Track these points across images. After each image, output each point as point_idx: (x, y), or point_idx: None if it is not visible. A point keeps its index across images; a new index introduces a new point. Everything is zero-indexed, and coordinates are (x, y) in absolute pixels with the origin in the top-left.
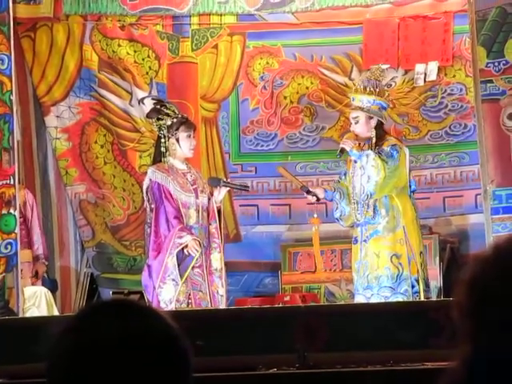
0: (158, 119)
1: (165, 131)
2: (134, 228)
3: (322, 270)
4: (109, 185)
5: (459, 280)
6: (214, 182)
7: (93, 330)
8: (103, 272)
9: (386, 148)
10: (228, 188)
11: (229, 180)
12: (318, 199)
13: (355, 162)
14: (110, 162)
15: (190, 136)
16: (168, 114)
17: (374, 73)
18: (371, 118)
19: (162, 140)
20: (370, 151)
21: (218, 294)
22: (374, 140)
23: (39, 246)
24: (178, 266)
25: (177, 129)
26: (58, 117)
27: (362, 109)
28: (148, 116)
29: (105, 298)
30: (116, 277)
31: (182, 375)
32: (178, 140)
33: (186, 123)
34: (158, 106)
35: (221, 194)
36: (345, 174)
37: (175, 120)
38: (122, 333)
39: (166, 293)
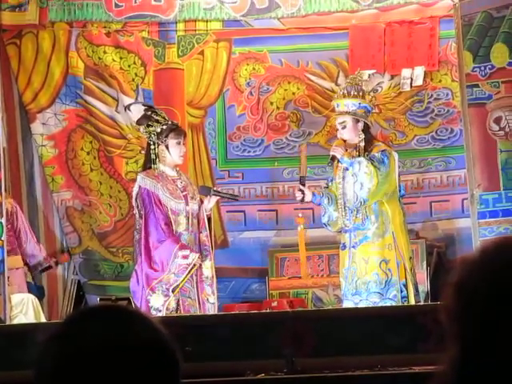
0: (148, 126)
1: (154, 138)
2: (121, 235)
3: (307, 274)
4: (95, 191)
5: (447, 283)
6: (204, 191)
7: (80, 336)
8: (90, 279)
9: (377, 154)
10: (218, 197)
11: (219, 189)
12: (303, 200)
13: (346, 169)
14: (97, 168)
15: (179, 143)
16: (158, 121)
17: (353, 79)
18: (358, 121)
19: (152, 147)
20: (361, 158)
21: (208, 302)
22: (362, 144)
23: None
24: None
25: (166, 136)
26: (43, 124)
27: (348, 113)
28: (138, 123)
29: (92, 304)
30: (103, 283)
31: (170, 381)
32: (167, 147)
33: (175, 130)
34: (149, 113)
35: (211, 202)
36: (331, 180)
37: (165, 127)
38: (109, 338)
39: (156, 301)
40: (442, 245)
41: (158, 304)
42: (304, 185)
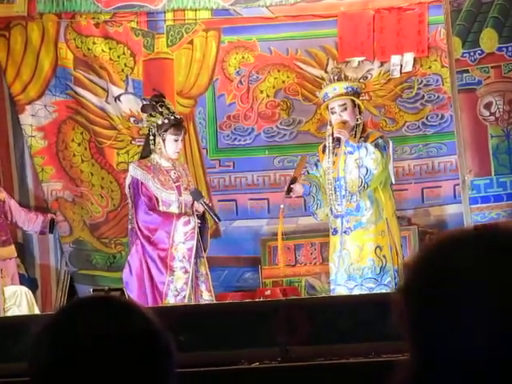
0: (151, 115)
1: (154, 129)
2: (113, 225)
3: (283, 265)
4: (87, 183)
5: (396, 290)
6: (195, 195)
7: (73, 327)
8: (81, 269)
9: (380, 141)
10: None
11: (208, 203)
12: (289, 191)
13: (350, 153)
14: (88, 159)
15: (177, 140)
16: (161, 113)
17: (333, 69)
18: (354, 105)
19: (151, 137)
20: (367, 143)
21: (201, 298)
22: (361, 126)
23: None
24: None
25: (165, 130)
26: (33, 115)
27: (347, 94)
28: (142, 110)
29: (82, 294)
30: (94, 273)
31: (164, 370)
32: (164, 141)
33: (176, 126)
34: (154, 102)
35: (200, 207)
36: (315, 165)
37: (166, 121)
38: (103, 329)
39: (178, 281)
40: (434, 231)
41: (179, 284)
42: (293, 183)
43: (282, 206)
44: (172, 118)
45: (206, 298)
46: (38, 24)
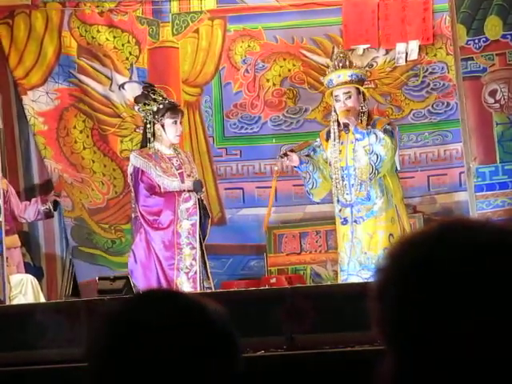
0: (145, 104)
1: (150, 117)
2: (113, 212)
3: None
4: (88, 169)
5: (368, 296)
6: (197, 186)
7: (135, 318)
8: (81, 245)
9: (388, 127)
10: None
11: (203, 200)
12: (285, 155)
13: (359, 140)
14: (90, 147)
15: (176, 122)
16: (155, 100)
17: (343, 52)
18: (359, 92)
19: (148, 126)
20: (376, 130)
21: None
22: (366, 114)
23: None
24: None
25: (163, 115)
26: (33, 101)
27: (351, 82)
28: (135, 100)
29: (79, 270)
30: (94, 252)
31: (221, 366)
32: (163, 126)
33: (172, 109)
34: (147, 91)
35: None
36: (313, 150)
37: (161, 106)
38: (162, 321)
39: (186, 258)
40: (440, 219)
41: (188, 261)
42: (286, 154)
43: (276, 168)
44: (166, 101)
45: (207, 285)
46: (42, 12)
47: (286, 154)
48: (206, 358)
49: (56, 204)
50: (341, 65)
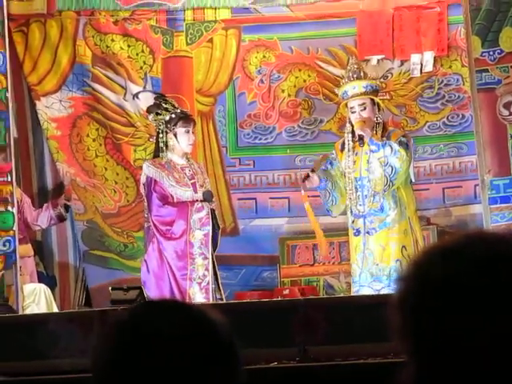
0: (157, 114)
1: (163, 126)
2: (126, 219)
3: (325, 251)
4: (100, 176)
5: (390, 303)
6: (207, 197)
7: (141, 327)
8: (93, 249)
9: (403, 139)
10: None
11: (214, 210)
12: (306, 179)
13: (374, 151)
14: (102, 155)
15: (188, 131)
16: (167, 109)
17: (357, 63)
18: (374, 103)
19: (161, 135)
20: (391, 141)
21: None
22: (381, 125)
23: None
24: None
25: (175, 124)
26: (47, 107)
27: (366, 93)
28: (148, 111)
29: (90, 275)
30: (106, 255)
31: (225, 373)
32: (175, 135)
33: (184, 118)
34: (158, 101)
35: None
36: (330, 163)
37: (174, 115)
38: (167, 330)
39: (199, 269)
40: (454, 231)
41: (201, 271)
42: (311, 173)
43: (303, 193)
44: (178, 111)
45: (218, 296)
46: (57, 21)
47: (307, 176)
48: (211, 365)
49: (67, 208)
50: (355, 76)
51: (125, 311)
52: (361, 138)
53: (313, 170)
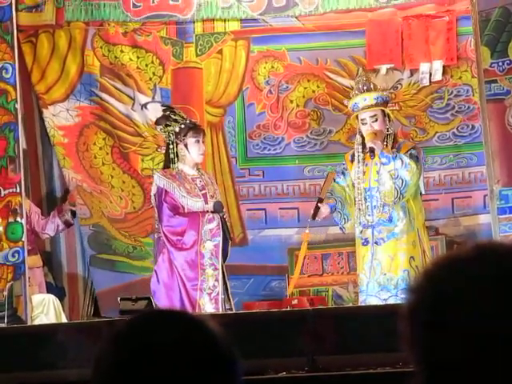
0: (167, 125)
1: (173, 137)
2: (132, 225)
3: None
4: (106, 183)
5: (400, 314)
6: (217, 208)
7: (141, 337)
8: (100, 252)
9: (413, 151)
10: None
11: (226, 219)
12: (315, 215)
13: (384, 164)
14: (109, 163)
15: (198, 141)
16: (176, 120)
17: (366, 75)
18: (384, 114)
19: (171, 146)
20: (402, 154)
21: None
22: (392, 136)
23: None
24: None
25: (185, 134)
26: (54, 115)
27: (377, 104)
28: (157, 123)
29: (97, 279)
30: (113, 258)
31: (224, 382)
32: (186, 146)
33: (194, 129)
34: (167, 113)
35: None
36: (342, 173)
37: (183, 126)
38: (166, 338)
39: (209, 280)
40: (463, 241)
41: (211, 282)
42: (320, 202)
43: (307, 231)
44: (188, 121)
45: (227, 306)
46: (66, 31)
47: (316, 213)
48: (210, 375)
49: (74, 213)
50: (365, 88)
51: (124, 322)
52: (372, 150)
53: (321, 200)
